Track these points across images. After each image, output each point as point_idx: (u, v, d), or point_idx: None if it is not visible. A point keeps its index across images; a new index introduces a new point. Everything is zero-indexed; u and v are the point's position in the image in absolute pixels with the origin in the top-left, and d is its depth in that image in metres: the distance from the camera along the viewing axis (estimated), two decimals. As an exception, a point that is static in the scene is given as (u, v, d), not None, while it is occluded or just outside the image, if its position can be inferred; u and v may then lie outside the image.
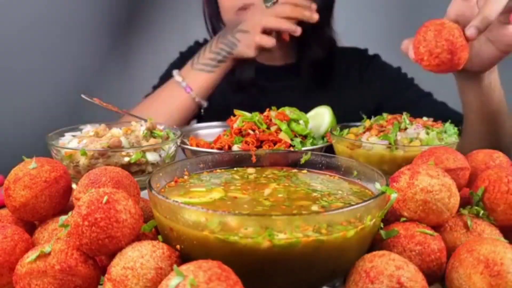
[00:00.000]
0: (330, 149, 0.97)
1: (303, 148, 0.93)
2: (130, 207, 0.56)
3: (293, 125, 0.98)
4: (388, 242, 0.60)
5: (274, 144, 0.93)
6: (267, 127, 0.97)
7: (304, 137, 0.98)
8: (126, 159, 0.84)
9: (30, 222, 0.70)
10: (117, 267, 0.52)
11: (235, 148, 0.93)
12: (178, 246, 0.55)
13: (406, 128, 0.91)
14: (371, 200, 0.55)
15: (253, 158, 0.78)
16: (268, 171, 0.76)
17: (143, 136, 0.89)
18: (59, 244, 0.56)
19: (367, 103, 1.41)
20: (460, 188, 0.70)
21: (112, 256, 0.55)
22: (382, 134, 0.90)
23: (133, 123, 0.94)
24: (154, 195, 0.57)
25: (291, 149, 0.92)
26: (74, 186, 0.69)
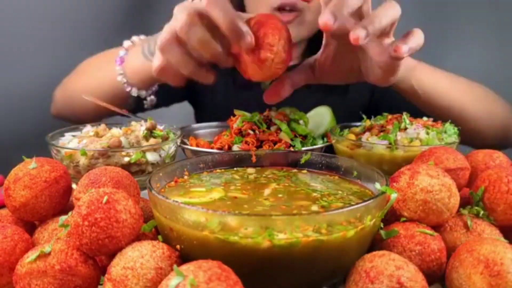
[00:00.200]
0: (330, 149, 0.97)
1: (303, 148, 0.93)
2: (130, 207, 0.56)
3: (293, 125, 0.98)
4: (388, 242, 0.60)
5: (274, 144, 0.93)
6: (267, 127, 0.97)
7: (304, 137, 0.98)
8: (126, 159, 0.84)
9: (30, 222, 0.69)
10: (117, 267, 0.52)
11: (235, 148, 0.93)
12: (178, 246, 0.55)
13: (406, 128, 0.91)
14: (371, 200, 0.55)
15: (253, 158, 0.78)
16: (268, 171, 0.76)
17: (143, 136, 0.89)
18: (59, 244, 0.56)
19: (365, 100, 1.41)
20: (460, 188, 0.71)
21: (112, 256, 0.55)
22: (382, 134, 0.90)
23: (133, 123, 0.94)
24: (154, 195, 0.57)
25: (291, 149, 0.92)
26: (74, 186, 0.69)
